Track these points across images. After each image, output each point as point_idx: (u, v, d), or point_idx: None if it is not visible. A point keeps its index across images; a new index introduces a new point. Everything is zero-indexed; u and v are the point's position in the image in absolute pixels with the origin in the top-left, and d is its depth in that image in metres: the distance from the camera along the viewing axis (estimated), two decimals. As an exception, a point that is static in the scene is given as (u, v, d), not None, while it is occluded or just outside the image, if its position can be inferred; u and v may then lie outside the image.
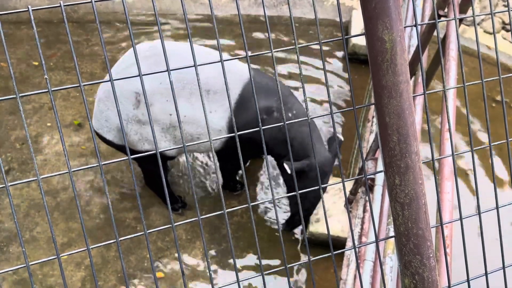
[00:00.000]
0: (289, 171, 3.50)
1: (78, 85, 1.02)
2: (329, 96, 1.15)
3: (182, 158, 4.39)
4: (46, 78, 0.98)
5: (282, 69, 5.26)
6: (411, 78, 3.38)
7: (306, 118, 1.15)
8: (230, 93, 3.51)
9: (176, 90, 3.44)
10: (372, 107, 4.71)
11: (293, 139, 3.64)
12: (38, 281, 3.65)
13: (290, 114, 3.64)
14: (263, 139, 1.17)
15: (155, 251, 3.88)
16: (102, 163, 1.05)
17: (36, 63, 5.18)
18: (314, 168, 3.59)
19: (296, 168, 3.52)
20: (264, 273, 1.16)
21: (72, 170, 1.05)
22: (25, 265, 1.04)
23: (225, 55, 4.74)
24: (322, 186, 1.22)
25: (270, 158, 4.11)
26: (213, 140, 1.08)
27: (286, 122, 1.16)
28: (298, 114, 3.67)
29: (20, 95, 0.99)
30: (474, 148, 1.27)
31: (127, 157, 1.08)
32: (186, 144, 1.09)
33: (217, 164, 4.05)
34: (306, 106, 1.11)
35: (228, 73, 1.08)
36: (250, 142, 3.22)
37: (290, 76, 5.24)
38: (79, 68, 5.01)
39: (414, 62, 3.20)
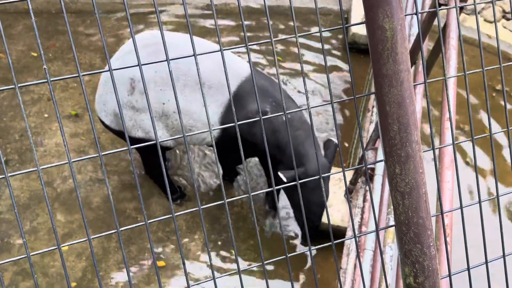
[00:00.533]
0: (284, 179, 3.36)
1: (77, 75, 1.02)
2: (329, 85, 1.14)
3: (183, 150, 4.39)
4: (45, 68, 0.97)
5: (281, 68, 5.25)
6: (411, 67, 3.36)
7: (306, 107, 1.15)
8: (224, 91, 3.46)
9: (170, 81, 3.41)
10: (372, 96, 4.70)
11: (287, 145, 3.54)
12: (39, 272, 3.66)
13: (284, 118, 3.57)
14: (264, 136, 1.17)
15: (156, 241, 3.89)
16: (102, 153, 1.04)
17: (35, 54, 5.16)
18: (310, 176, 3.46)
19: (291, 177, 3.37)
20: (265, 262, 1.17)
21: (72, 160, 1.05)
22: (26, 255, 1.04)
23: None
24: (324, 175, 1.22)
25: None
26: (206, 133, 1.08)
27: (287, 112, 1.15)
28: (293, 118, 3.57)
29: (19, 85, 0.99)
30: (475, 137, 1.27)
31: (127, 148, 1.08)
32: (186, 135, 1.09)
33: (217, 155, 4.04)
34: (307, 95, 1.10)
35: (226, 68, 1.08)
36: (241, 141, 3.16)
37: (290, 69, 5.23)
38: (78, 59, 4.99)
39: (415, 51, 3.19)
